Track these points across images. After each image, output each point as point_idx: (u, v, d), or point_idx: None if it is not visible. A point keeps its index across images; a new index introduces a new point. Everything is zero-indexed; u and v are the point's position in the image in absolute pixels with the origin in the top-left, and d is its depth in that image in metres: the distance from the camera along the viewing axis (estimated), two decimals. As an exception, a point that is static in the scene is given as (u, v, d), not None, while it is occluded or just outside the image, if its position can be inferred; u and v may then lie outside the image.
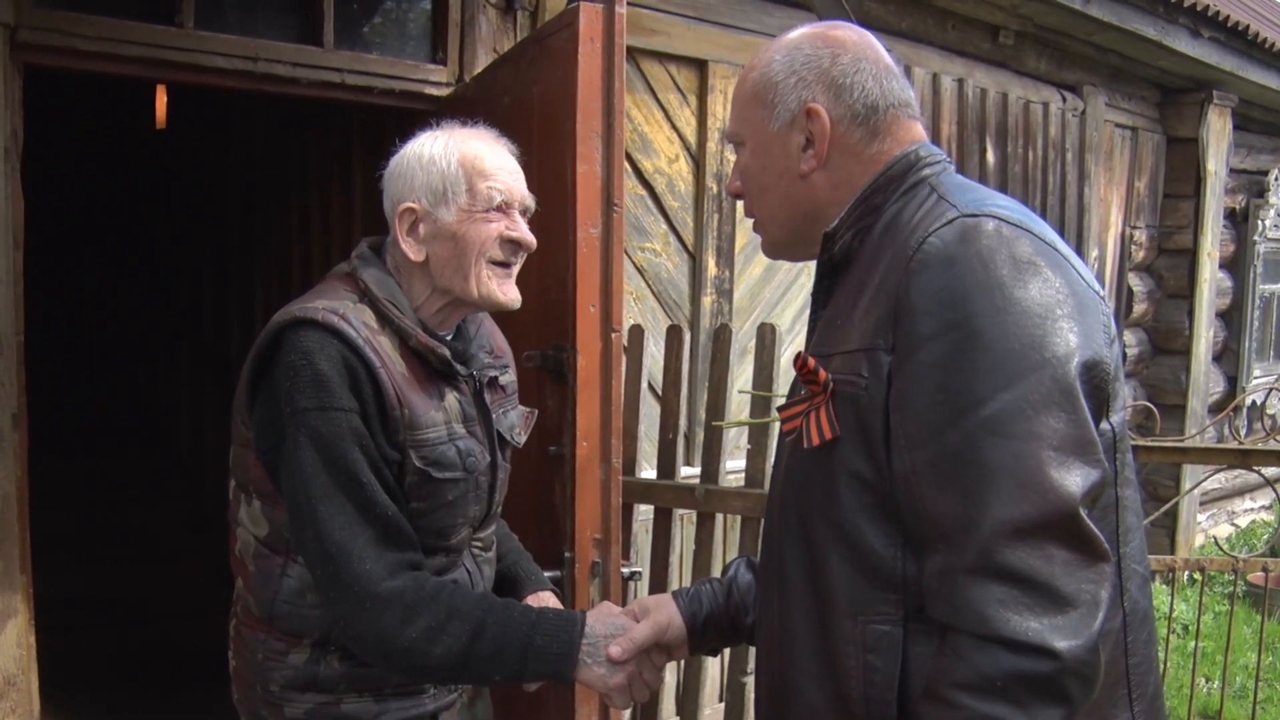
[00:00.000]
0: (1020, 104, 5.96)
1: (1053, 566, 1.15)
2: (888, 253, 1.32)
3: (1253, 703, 3.75)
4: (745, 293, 4.74)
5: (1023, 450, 1.16)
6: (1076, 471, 1.17)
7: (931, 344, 1.20)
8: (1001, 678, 1.14)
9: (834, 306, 1.41)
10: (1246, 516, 8.80)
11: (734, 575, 1.77)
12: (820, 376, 1.32)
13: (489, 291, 1.79)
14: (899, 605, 1.26)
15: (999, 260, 1.21)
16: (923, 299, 1.22)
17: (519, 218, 1.82)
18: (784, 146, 1.43)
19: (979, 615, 1.16)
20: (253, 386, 1.76)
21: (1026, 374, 1.17)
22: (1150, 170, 7.43)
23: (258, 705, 1.84)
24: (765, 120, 1.44)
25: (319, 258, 5.10)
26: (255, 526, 1.80)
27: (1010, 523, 1.15)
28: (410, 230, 1.78)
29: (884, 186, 1.39)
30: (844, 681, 1.30)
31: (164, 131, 6.30)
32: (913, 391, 1.22)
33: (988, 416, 1.17)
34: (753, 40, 4.56)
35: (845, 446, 1.29)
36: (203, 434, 6.43)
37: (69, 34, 2.90)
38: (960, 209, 1.27)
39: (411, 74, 3.57)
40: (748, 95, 1.47)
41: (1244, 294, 8.45)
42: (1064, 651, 1.14)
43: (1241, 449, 2.99)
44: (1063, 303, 1.21)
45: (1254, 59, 7.09)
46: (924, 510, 1.22)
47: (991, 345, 1.18)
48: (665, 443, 3.42)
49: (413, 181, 1.78)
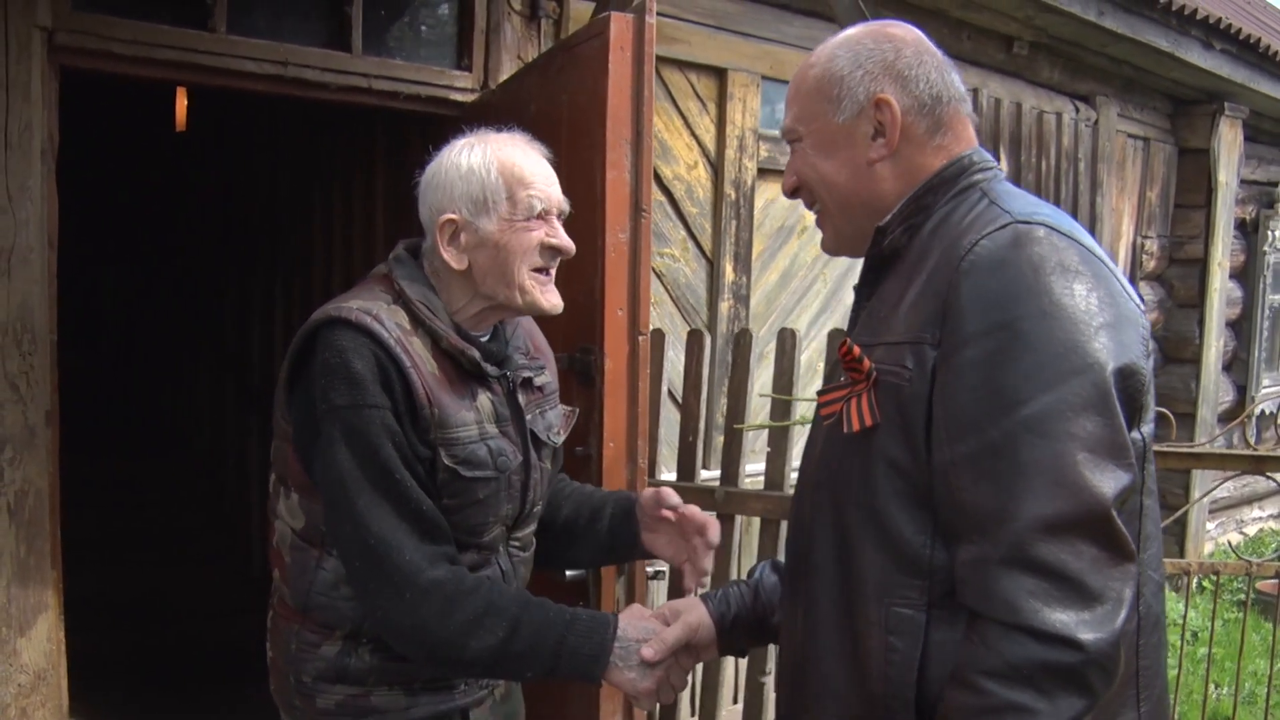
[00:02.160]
0: (1034, 114, 6.00)
1: (1082, 562, 1.19)
2: (935, 251, 1.36)
3: (1265, 709, 3.77)
4: (761, 298, 4.78)
5: (1060, 450, 1.21)
6: (1109, 474, 1.22)
7: (978, 342, 1.25)
8: (1028, 666, 1.19)
9: (878, 299, 1.45)
10: (1255, 525, 8.81)
11: (760, 577, 1.81)
12: (864, 365, 1.36)
13: (533, 299, 1.82)
14: (924, 591, 1.31)
15: (1048, 267, 1.26)
16: (972, 299, 1.26)
17: (557, 223, 1.84)
18: (850, 138, 1.46)
19: (1010, 605, 1.20)
20: (291, 382, 1.82)
21: (1068, 377, 1.22)
22: (1162, 180, 7.46)
23: (291, 695, 1.87)
24: (830, 114, 1.47)
25: (340, 262, 5.14)
26: (293, 519, 1.84)
27: (1044, 518, 1.20)
28: (451, 240, 1.80)
29: (937, 187, 1.44)
30: (865, 661, 1.34)
31: (187, 135, 6.34)
32: (957, 386, 1.26)
33: (1028, 415, 1.21)
34: (771, 49, 4.62)
35: (884, 434, 1.34)
36: (223, 437, 6.46)
37: (105, 37, 2.95)
38: (1013, 215, 1.32)
39: (437, 80, 3.62)
40: (810, 91, 1.49)
41: (1254, 304, 8.47)
42: (1089, 644, 1.18)
43: (1256, 455, 3.02)
44: (1105, 311, 1.26)
45: (1265, 71, 7.13)
46: (960, 501, 1.26)
47: (1036, 347, 1.23)
48: (685, 445, 3.46)
49: (452, 191, 1.80)
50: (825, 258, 5.00)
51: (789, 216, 4.86)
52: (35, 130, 2.81)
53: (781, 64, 4.66)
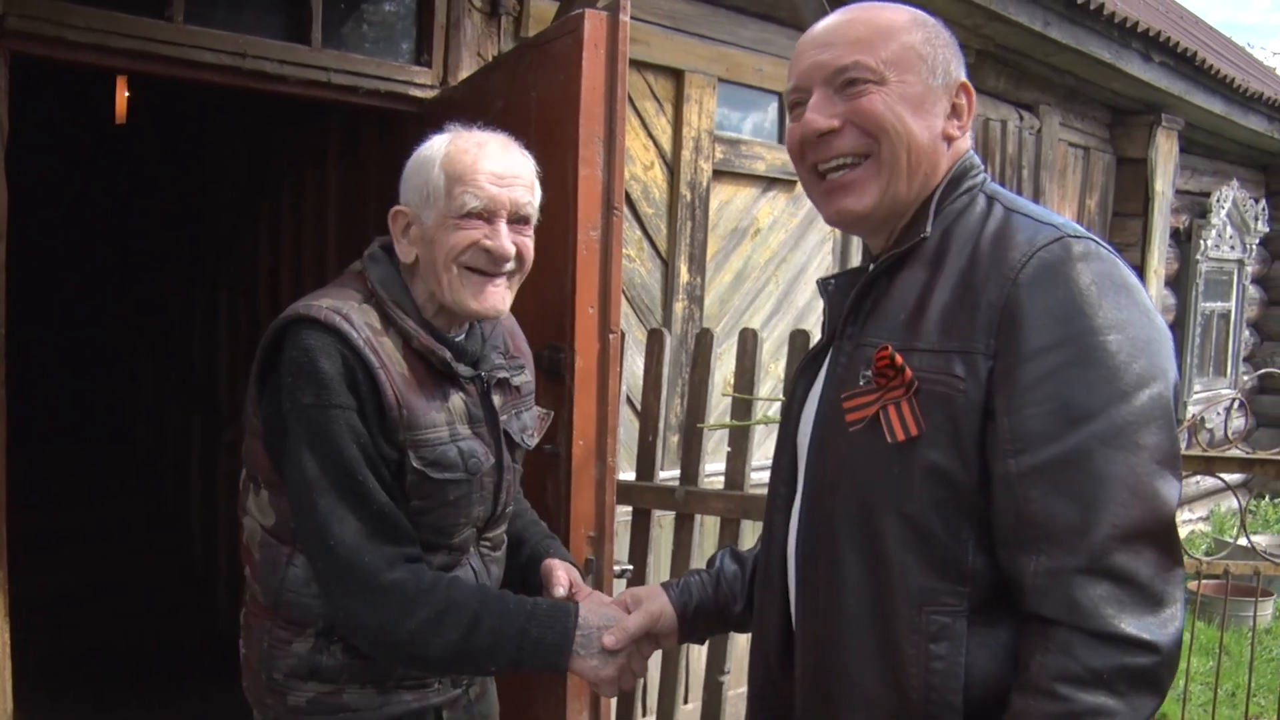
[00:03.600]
0: (980, 121, 6.10)
1: (1150, 569, 1.25)
2: (955, 256, 1.38)
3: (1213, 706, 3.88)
4: (715, 299, 4.80)
5: (1134, 461, 1.25)
6: (1172, 483, 1.28)
7: (1045, 356, 1.27)
8: (1109, 671, 1.22)
9: (890, 299, 1.44)
10: (1185, 527, 9.04)
11: (720, 566, 1.83)
12: (906, 374, 1.35)
13: (460, 298, 1.78)
14: (964, 598, 1.32)
15: (1108, 283, 1.30)
16: (1035, 313, 1.29)
17: (503, 226, 1.78)
18: (935, 104, 1.46)
19: (1088, 612, 1.23)
20: (260, 380, 1.80)
21: (1136, 391, 1.26)
22: (1101, 189, 7.63)
23: (263, 693, 1.86)
24: (924, 74, 1.45)
25: (289, 258, 5.08)
26: (263, 515, 1.82)
27: (1122, 528, 1.24)
28: (404, 231, 1.80)
29: (947, 190, 1.46)
30: (903, 670, 1.35)
31: (133, 127, 6.22)
32: (1025, 400, 1.28)
33: (1101, 429, 1.25)
34: (727, 51, 4.64)
35: (928, 443, 1.34)
36: (165, 432, 6.35)
37: (59, 24, 2.88)
38: (1061, 229, 1.35)
39: (397, 75, 3.59)
40: (906, 44, 1.45)
41: (1187, 311, 8.70)
42: (1163, 645, 1.24)
43: (1205, 456, 3.10)
44: (1158, 327, 1.32)
45: (1200, 84, 7.34)
46: (1030, 512, 1.28)
47: (1104, 361, 1.26)
48: (645, 445, 3.46)
49: (408, 183, 1.81)
50: (778, 259, 5.03)
51: (743, 218, 4.89)
52: (-15, 118, 2.74)
53: (738, 66, 4.69)
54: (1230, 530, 8.86)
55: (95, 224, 7.60)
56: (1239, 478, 8.49)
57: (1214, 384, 9.22)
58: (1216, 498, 9.27)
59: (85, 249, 7.68)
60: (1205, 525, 9.31)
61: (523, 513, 2.14)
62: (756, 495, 3.28)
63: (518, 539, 2.08)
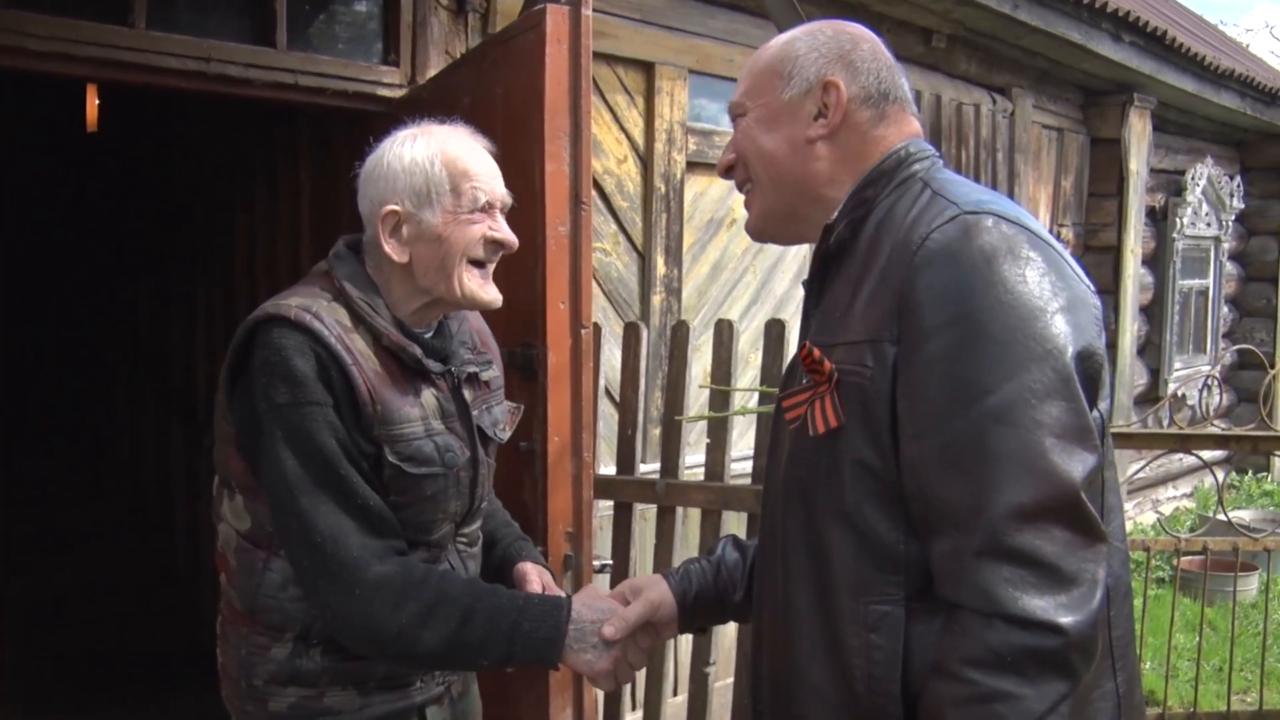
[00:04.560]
0: (953, 105, 6.11)
1: (1056, 547, 1.21)
2: (885, 247, 1.37)
3: (1195, 684, 3.91)
4: (693, 291, 4.81)
5: (1027, 438, 1.22)
6: (1077, 457, 1.23)
7: (938, 336, 1.26)
8: (1011, 653, 1.20)
9: (830, 298, 1.45)
10: (1170, 504, 9.10)
11: (721, 554, 1.81)
12: (825, 367, 1.36)
13: (471, 291, 1.81)
14: (900, 586, 1.31)
15: (1000, 256, 1.27)
16: (928, 293, 1.27)
17: (500, 217, 1.84)
18: (794, 114, 1.48)
19: (988, 594, 1.21)
20: (231, 382, 1.78)
21: (1029, 364, 1.23)
22: (1075, 170, 7.66)
23: (243, 700, 1.85)
24: (778, 89, 1.49)
25: (263, 261, 5.05)
26: (237, 521, 1.81)
27: (1017, 506, 1.21)
28: (393, 232, 1.79)
29: (876, 180, 1.45)
30: (847, 662, 1.34)
31: (103, 133, 6.19)
32: (920, 382, 1.27)
33: (993, 405, 1.23)
34: (698, 43, 4.64)
35: (850, 435, 1.34)
36: (143, 436, 6.32)
37: (20, 33, 2.86)
38: (961, 206, 1.33)
39: (365, 75, 3.57)
40: (762, 68, 1.52)
41: (1164, 289, 8.73)
42: (1069, 627, 1.20)
43: (1181, 433, 3.11)
44: (1059, 296, 1.28)
45: (1170, 63, 7.36)
46: (931, 495, 1.27)
47: (996, 337, 1.24)
48: (624, 439, 3.46)
49: (395, 183, 1.79)
50: (755, 249, 5.03)
51: (718, 209, 4.89)
52: (-51, 129, 2.72)
53: (708, 58, 4.68)
54: (1214, 506, 8.91)
55: (72, 231, 7.57)
56: (1219, 454, 8.54)
57: (1194, 361, 9.25)
58: (1201, 474, 9.32)
59: (63, 257, 7.65)
60: (1190, 502, 9.36)
61: (494, 513, 2.13)
62: (737, 486, 3.29)
63: (490, 540, 2.07)
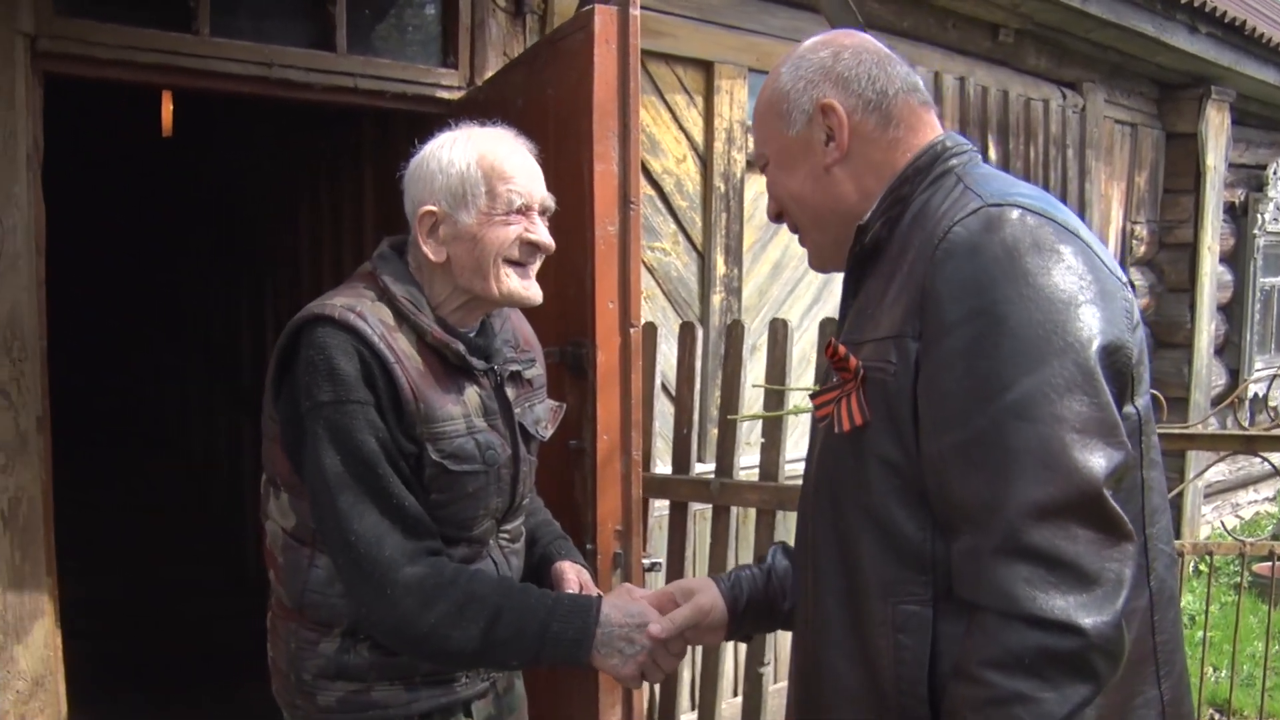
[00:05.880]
0: (1021, 101, 6.01)
1: (1077, 546, 1.17)
2: (915, 242, 1.34)
3: (1261, 690, 3.79)
4: (753, 290, 4.78)
5: (1047, 433, 1.19)
6: (1099, 453, 1.19)
7: (958, 331, 1.23)
8: (1029, 655, 1.17)
9: (864, 296, 1.44)
10: (1250, 508, 8.84)
11: (772, 562, 1.79)
12: (851, 364, 1.35)
13: (509, 289, 1.82)
14: (928, 586, 1.29)
15: (1023, 248, 1.24)
16: (948, 287, 1.25)
17: (538, 219, 1.84)
18: (806, 148, 1.47)
19: (1006, 594, 1.18)
20: (277, 382, 1.82)
21: (1049, 359, 1.20)
22: (1150, 165, 7.47)
23: (292, 694, 1.88)
24: (783, 129, 1.48)
25: (329, 260, 5.13)
26: (283, 519, 1.84)
27: (1035, 503, 1.18)
28: (431, 232, 1.81)
29: (911, 177, 1.42)
30: (876, 663, 1.32)
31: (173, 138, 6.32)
32: (940, 377, 1.25)
33: (1012, 401, 1.20)
34: (757, 41, 4.61)
35: (875, 432, 1.32)
36: (215, 438, 6.45)
37: (88, 42, 2.94)
38: (985, 198, 1.30)
39: (423, 78, 3.61)
40: (764, 113, 1.51)
41: (1244, 287, 8.49)
42: (1089, 628, 1.16)
43: (1246, 434, 3.02)
44: (1085, 288, 1.24)
45: (1251, 54, 7.13)
46: (951, 493, 1.24)
47: (1015, 331, 1.21)
48: (680, 438, 3.46)
49: (433, 184, 1.81)
50: (816, 249, 4.99)
51: (779, 208, 4.85)
52: (20, 137, 2.80)
53: (767, 55, 4.66)
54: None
55: (143, 236, 7.74)
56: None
57: (1275, 360, 8.97)
58: (1283, 477, 9.05)
59: (131, 261, 7.83)
60: (1271, 506, 9.09)
61: (535, 511, 2.15)
62: (791, 486, 3.26)
63: (530, 538, 2.09)
